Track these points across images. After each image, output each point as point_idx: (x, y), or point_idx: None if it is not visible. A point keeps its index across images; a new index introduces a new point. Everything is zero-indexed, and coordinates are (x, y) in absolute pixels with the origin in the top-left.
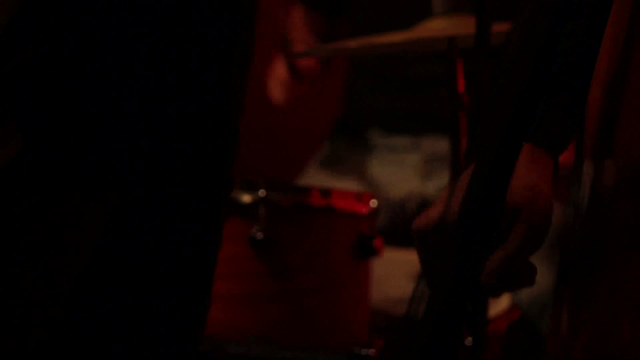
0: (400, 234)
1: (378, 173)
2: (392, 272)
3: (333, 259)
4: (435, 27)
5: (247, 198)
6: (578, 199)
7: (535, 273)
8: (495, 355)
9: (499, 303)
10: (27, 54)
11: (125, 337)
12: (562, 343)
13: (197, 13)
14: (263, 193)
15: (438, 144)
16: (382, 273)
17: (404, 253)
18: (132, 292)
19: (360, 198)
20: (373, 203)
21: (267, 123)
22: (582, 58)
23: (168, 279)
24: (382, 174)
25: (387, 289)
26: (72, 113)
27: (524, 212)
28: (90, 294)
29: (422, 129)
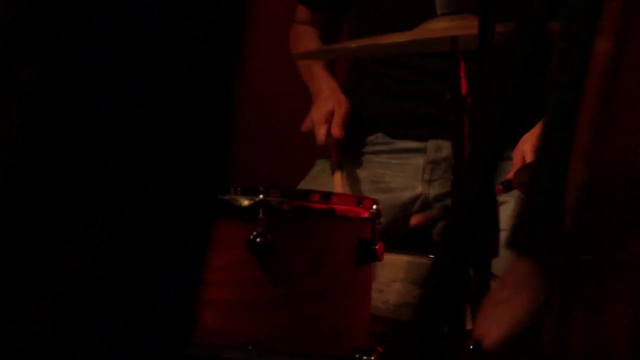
0: (402, 239)
1: (381, 177)
2: (392, 277)
3: (333, 264)
4: (438, 27)
5: (246, 202)
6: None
7: None
8: None
9: None
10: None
11: (113, 339)
12: (557, 344)
13: (187, 19)
14: (262, 197)
15: (442, 148)
16: (382, 278)
17: (405, 258)
18: (121, 293)
19: (362, 202)
20: (374, 207)
21: (268, 127)
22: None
23: (158, 280)
24: (384, 178)
25: (387, 294)
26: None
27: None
28: (81, 297)
29: (426, 133)
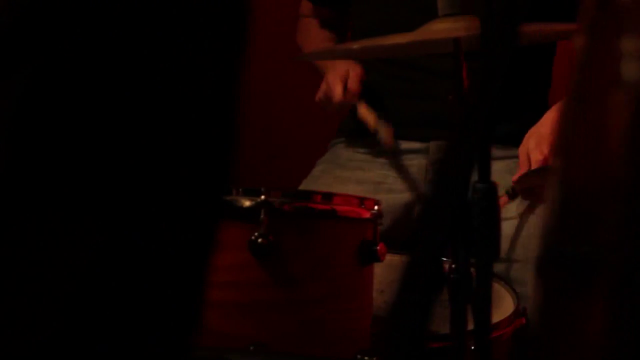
0: (405, 239)
1: (383, 178)
2: (394, 277)
3: (335, 265)
4: (441, 28)
5: (247, 203)
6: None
7: None
8: None
9: (504, 309)
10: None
11: (116, 341)
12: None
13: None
14: (264, 197)
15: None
16: (384, 278)
17: (407, 258)
18: (123, 295)
19: (364, 203)
20: (376, 208)
21: (269, 128)
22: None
23: (161, 283)
24: (387, 179)
25: (388, 295)
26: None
27: None
28: (84, 297)
29: (428, 134)
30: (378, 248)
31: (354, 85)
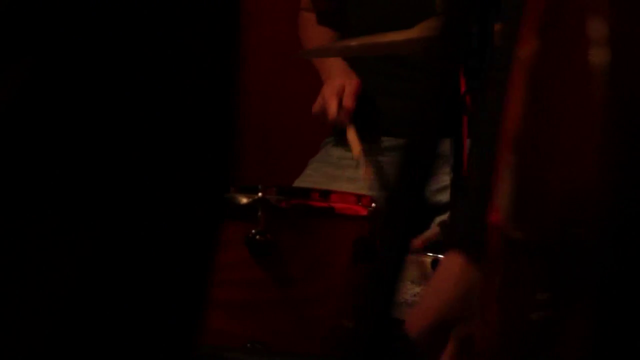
0: None
1: (379, 175)
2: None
3: (333, 262)
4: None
5: (245, 200)
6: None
7: None
8: None
9: None
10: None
11: (118, 342)
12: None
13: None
14: (261, 195)
15: (440, 146)
16: None
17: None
18: (125, 295)
19: (361, 200)
20: (373, 205)
21: (263, 127)
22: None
23: (163, 283)
24: (383, 176)
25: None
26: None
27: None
28: (86, 297)
29: None
30: (375, 245)
31: (349, 103)
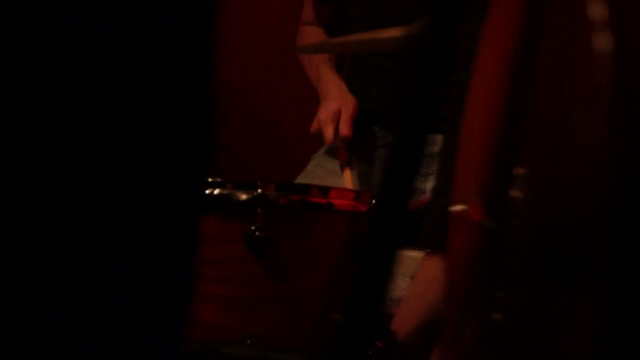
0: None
1: (377, 171)
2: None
3: (331, 258)
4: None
5: (244, 196)
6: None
7: None
8: None
9: None
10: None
11: (102, 339)
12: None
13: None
14: (260, 191)
15: (437, 142)
16: None
17: (402, 252)
18: (106, 291)
19: (359, 197)
20: (372, 202)
21: (264, 123)
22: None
23: (146, 276)
24: (381, 172)
25: (387, 289)
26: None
27: None
28: (67, 293)
29: None
30: None
31: (345, 130)
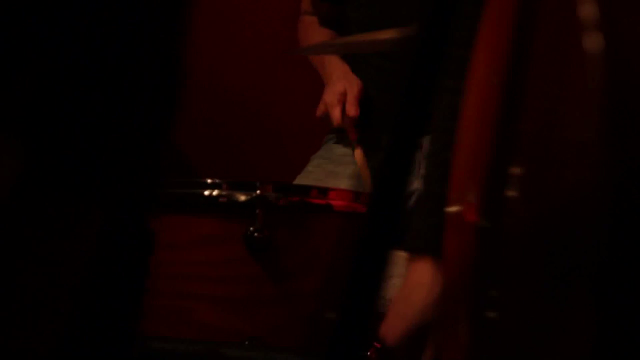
0: (399, 235)
1: (374, 172)
2: (389, 272)
3: (330, 259)
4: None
5: (243, 197)
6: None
7: None
8: None
9: None
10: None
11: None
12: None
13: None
14: (259, 192)
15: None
16: None
17: (402, 254)
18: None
19: (359, 198)
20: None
21: (263, 124)
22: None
23: (95, 277)
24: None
25: (384, 290)
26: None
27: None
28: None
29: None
30: None
31: (352, 111)
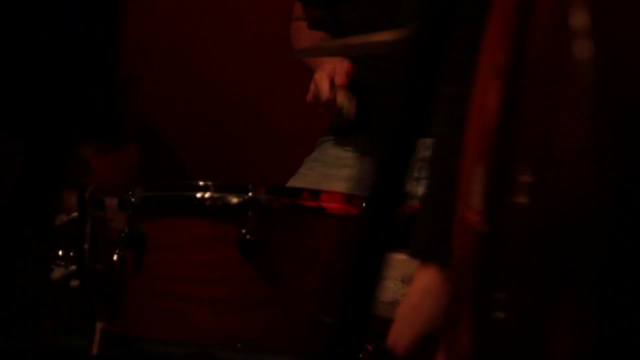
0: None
1: (370, 175)
2: (386, 275)
3: (323, 261)
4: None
5: (235, 200)
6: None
7: None
8: None
9: None
10: None
11: None
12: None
13: None
14: (252, 195)
15: (430, 147)
16: None
17: (394, 255)
18: None
19: (351, 200)
20: (364, 205)
21: (256, 127)
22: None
23: None
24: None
25: (381, 293)
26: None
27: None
28: None
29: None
30: None
31: (341, 80)
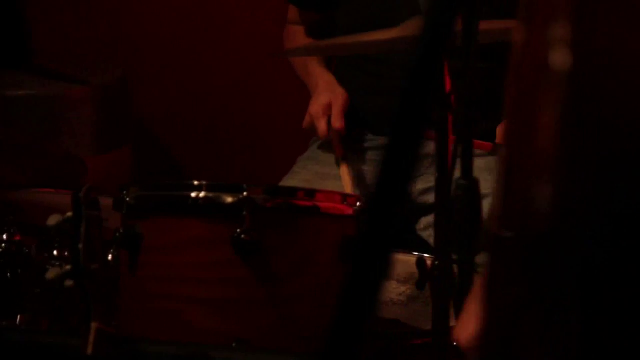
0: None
1: (364, 174)
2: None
3: (318, 262)
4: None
5: (230, 199)
6: None
7: None
8: None
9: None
10: None
11: None
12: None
13: None
14: (247, 194)
15: (425, 145)
16: None
17: (400, 256)
18: None
19: (346, 199)
20: (359, 205)
21: (250, 126)
22: None
23: None
24: (368, 175)
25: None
26: None
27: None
28: None
29: None
30: None
31: (337, 124)
